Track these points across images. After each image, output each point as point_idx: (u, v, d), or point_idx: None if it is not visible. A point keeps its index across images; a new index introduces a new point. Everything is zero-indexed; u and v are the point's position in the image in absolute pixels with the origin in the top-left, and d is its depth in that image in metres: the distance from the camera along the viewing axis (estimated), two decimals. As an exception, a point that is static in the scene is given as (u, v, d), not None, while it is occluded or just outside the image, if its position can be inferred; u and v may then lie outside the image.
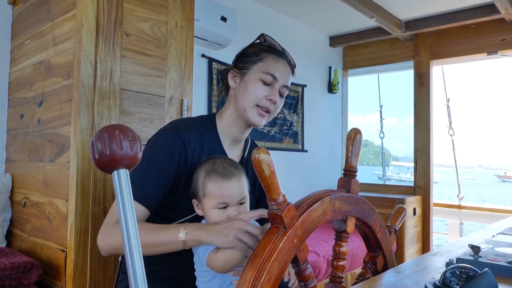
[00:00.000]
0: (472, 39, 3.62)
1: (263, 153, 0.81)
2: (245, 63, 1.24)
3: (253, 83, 1.20)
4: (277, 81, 1.21)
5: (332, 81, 4.16)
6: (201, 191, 1.08)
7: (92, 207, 1.50)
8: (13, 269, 1.47)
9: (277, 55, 1.23)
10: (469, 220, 4.13)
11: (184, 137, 1.15)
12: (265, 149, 0.82)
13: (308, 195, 0.99)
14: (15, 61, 2.02)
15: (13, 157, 1.98)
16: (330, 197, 0.98)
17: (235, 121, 1.25)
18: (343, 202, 1.02)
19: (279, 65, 1.22)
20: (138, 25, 1.67)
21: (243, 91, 1.21)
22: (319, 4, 3.35)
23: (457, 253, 1.20)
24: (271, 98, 1.20)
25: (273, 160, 0.83)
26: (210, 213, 1.07)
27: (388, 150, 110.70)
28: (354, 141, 1.07)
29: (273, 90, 1.21)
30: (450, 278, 0.83)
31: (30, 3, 1.90)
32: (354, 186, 1.08)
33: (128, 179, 0.50)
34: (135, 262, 0.46)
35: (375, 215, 1.13)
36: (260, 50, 1.24)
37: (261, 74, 1.20)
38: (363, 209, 1.09)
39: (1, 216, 1.85)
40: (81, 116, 1.49)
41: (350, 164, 1.08)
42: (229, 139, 1.28)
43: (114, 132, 0.51)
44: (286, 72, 1.23)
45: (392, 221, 1.28)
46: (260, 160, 0.81)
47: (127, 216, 0.47)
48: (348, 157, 1.08)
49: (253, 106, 1.20)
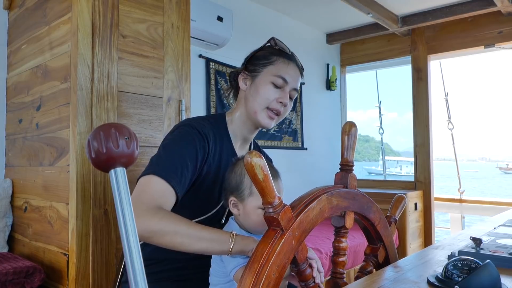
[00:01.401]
0: (469, 33, 3.62)
1: (255, 157, 0.80)
2: (255, 66, 1.26)
3: (264, 86, 1.22)
4: (287, 84, 1.23)
5: (330, 78, 4.15)
6: (247, 190, 1.06)
7: (93, 210, 1.50)
8: (15, 274, 1.47)
9: (287, 58, 1.25)
10: (471, 213, 4.13)
11: (206, 132, 1.16)
12: (257, 152, 0.82)
13: (304, 193, 0.98)
14: (12, 66, 2.02)
15: (13, 162, 1.98)
16: (327, 195, 0.98)
17: (244, 122, 1.27)
18: (341, 198, 1.02)
19: (290, 68, 1.24)
20: (134, 26, 1.67)
21: (254, 94, 1.23)
22: (315, 1, 3.35)
23: (459, 246, 1.20)
24: (282, 100, 1.22)
25: (266, 163, 0.82)
26: (253, 212, 1.06)
27: (390, 145, 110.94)
28: (349, 134, 1.07)
29: (283, 93, 1.22)
30: (452, 270, 0.83)
31: (26, 8, 1.90)
32: (351, 180, 1.07)
33: (125, 177, 0.51)
34: (134, 260, 0.46)
35: (374, 208, 1.13)
36: (270, 53, 1.26)
37: (272, 77, 1.21)
38: (361, 203, 1.09)
39: (2, 222, 1.85)
40: (80, 119, 1.49)
41: (346, 158, 1.08)
42: (239, 139, 1.30)
43: (110, 130, 0.51)
44: (296, 75, 1.26)
45: (391, 211, 1.26)
46: (253, 164, 0.80)
47: (125, 214, 0.47)
48: (343, 152, 1.08)
49: (263, 108, 1.22)
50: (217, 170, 1.20)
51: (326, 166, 4.09)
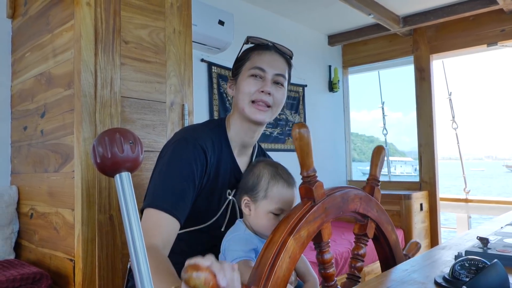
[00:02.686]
0: (471, 31, 3.61)
1: (303, 128, 0.91)
2: (236, 69, 1.26)
3: (244, 81, 1.21)
4: (265, 71, 1.20)
5: (333, 80, 4.15)
6: (262, 192, 1.08)
7: (98, 215, 1.50)
8: (22, 280, 1.48)
9: (262, 49, 1.24)
10: (477, 213, 4.10)
11: (203, 144, 1.14)
12: (306, 125, 0.93)
13: None
14: (16, 74, 2.03)
15: (18, 169, 1.99)
16: (355, 191, 1.06)
17: (241, 125, 1.25)
18: (366, 201, 1.09)
19: (265, 56, 1.22)
20: (136, 32, 1.68)
21: (237, 93, 1.23)
22: (316, 3, 3.35)
23: (466, 246, 1.19)
24: (263, 89, 1.18)
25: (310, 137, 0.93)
26: (264, 216, 1.08)
27: (395, 145, 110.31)
28: (379, 156, 1.17)
29: (264, 81, 1.19)
30: (459, 270, 0.82)
31: (29, 16, 1.92)
32: (377, 194, 1.16)
33: (131, 181, 0.51)
34: (140, 265, 0.46)
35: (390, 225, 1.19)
36: (247, 51, 1.26)
37: (249, 70, 1.21)
38: (380, 216, 1.15)
39: (9, 228, 1.86)
40: (84, 125, 1.50)
41: (374, 174, 1.17)
42: (238, 145, 1.28)
43: (114, 135, 0.51)
44: (275, 61, 1.22)
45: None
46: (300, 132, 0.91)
47: (131, 218, 0.47)
48: (372, 169, 1.18)
49: (249, 102, 1.20)
50: (215, 179, 1.19)
51: (330, 168, 4.09)
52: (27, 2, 1.94)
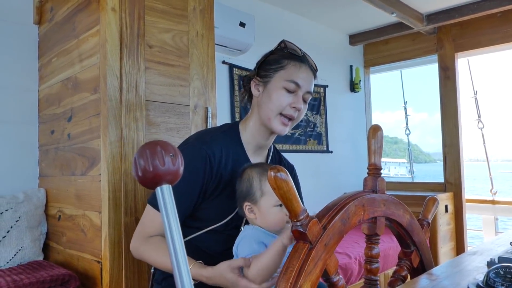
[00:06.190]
0: (498, 29, 3.50)
1: (279, 171, 0.81)
2: (267, 71, 1.24)
3: (276, 91, 1.20)
4: (300, 88, 1.21)
5: (354, 80, 4.10)
6: (257, 191, 1.10)
7: (124, 218, 1.53)
8: (52, 282, 1.51)
9: (298, 61, 1.23)
10: (504, 215, 3.99)
11: (208, 150, 1.18)
12: (281, 167, 0.82)
13: (331, 202, 0.96)
14: (43, 78, 2.08)
15: (46, 172, 2.04)
16: (355, 202, 0.95)
17: (259, 129, 1.26)
18: (369, 204, 1.00)
19: (302, 71, 1.21)
20: (160, 36, 1.70)
21: (266, 100, 1.22)
22: (337, 3, 3.32)
23: (498, 251, 1.15)
24: (295, 106, 1.20)
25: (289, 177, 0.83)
26: (269, 212, 1.09)
27: (419, 147, 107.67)
28: (375, 138, 1.05)
29: (296, 97, 1.21)
30: (495, 278, 0.80)
31: (55, 22, 1.96)
32: (380, 184, 1.05)
33: (172, 194, 0.51)
34: (183, 277, 0.46)
35: (405, 212, 1.11)
36: (281, 57, 1.24)
37: (284, 82, 1.20)
38: (390, 208, 1.07)
39: (38, 230, 1.91)
40: (110, 129, 1.52)
41: (374, 162, 1.06)
42: (253, 147, 1.29)
43: (155, 148, 0.51)
44: (309, 78, 1.23)
45: (423, 213, 1.23)
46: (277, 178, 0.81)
47: (172, 230, 0.47)
48: (370, 156, 1.06)
49: (277, 115, 1.21)
50: (230, 179, 1.22)
51: (352, 169, 4.04)
52: (53, 8, 1.99)
